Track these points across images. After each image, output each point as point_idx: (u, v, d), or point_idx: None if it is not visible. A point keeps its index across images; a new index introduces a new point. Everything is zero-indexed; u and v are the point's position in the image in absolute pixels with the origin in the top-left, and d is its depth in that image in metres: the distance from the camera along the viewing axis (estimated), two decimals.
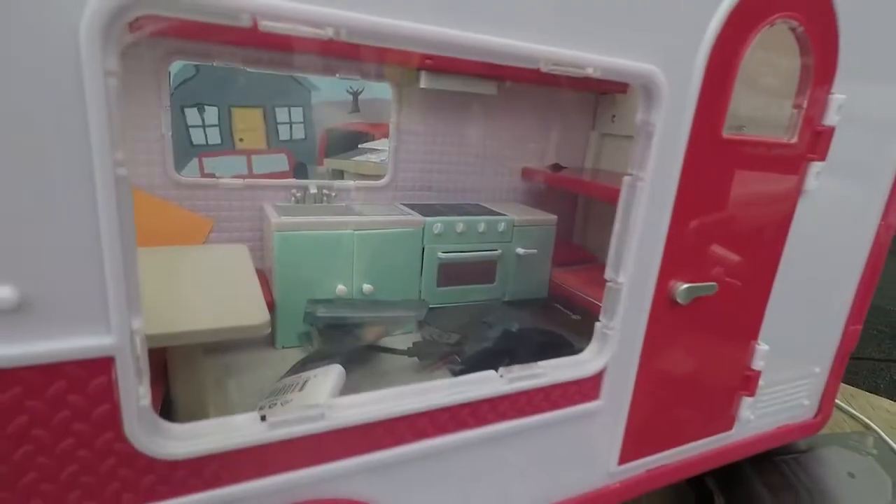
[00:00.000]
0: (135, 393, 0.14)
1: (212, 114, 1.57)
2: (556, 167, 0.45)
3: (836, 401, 0.44)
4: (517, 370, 0.20)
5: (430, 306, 0.38)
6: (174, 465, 0.15)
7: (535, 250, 0.41)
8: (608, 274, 0.21)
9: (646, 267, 0.21)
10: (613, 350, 0.22)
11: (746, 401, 0.28)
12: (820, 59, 0.22)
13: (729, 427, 0.28)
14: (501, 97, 0.41)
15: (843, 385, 0.47)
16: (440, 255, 0.38)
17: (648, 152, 0.19)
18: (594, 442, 0.23)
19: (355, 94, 1.65)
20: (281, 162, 1.60)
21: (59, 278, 0.12)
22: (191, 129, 1.41)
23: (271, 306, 0.34)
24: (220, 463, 0.15)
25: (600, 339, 0.22)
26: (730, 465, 0.33)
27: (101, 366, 0.13)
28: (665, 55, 0.18)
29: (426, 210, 0.39)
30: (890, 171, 0.28)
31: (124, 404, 0.14)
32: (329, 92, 1.93)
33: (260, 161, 1.56)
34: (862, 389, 0.46)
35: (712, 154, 0.21)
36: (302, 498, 0.17)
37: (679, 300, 0.22)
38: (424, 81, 0.38)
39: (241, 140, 1.85)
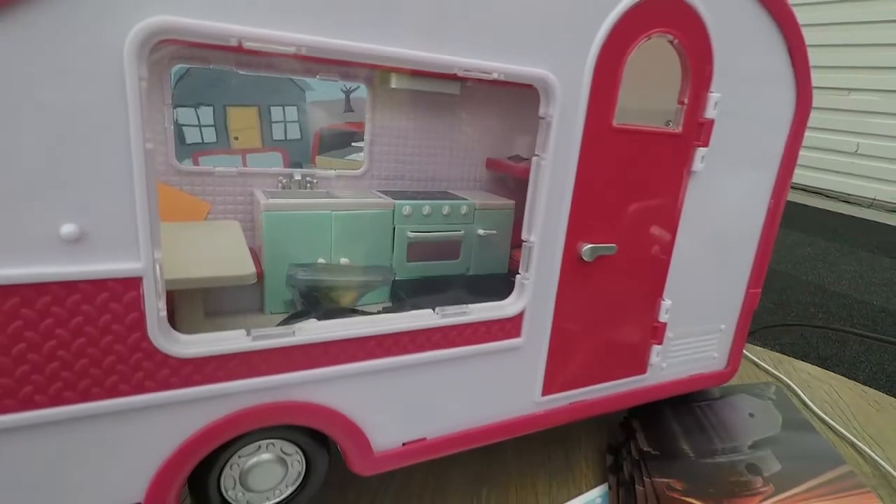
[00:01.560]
0: (155, 305, 0.19)
1: (206, 113, 1.62)
2: (517, 158, 0.51)
3: (762, 363, 0.50)
4: (449, 309, 0.26)
5: (401, 278, 0.44)
6: (183, 362, 0.21)
7: (495, 231, 0.46)
8: (524, 234, 0.27)
9: (554, 229, 0.27)
10: (529, 297, 0.27)
11: (656, 348, 0.34)
12: (696, 65, 0.28)
13: (643, 371, 0.34)
14: (465, 95, 0.47)
15: (770, 352, 0.53)
16: (409, 234, 0.44)
17: (548, 138, 0.25)
18: (519, 373, 0.29)
19: (348, 94, 1.71)
20: (276, 160, 1.65)
21: (105, 220, 0.18)
22: (184, 128, 1.46)
23: (260, 277, 0.39)
24: (217, 363, 0.21)
25: (519, 288, 0.28)
26: (652, 409, 0.38)
27: (133, 283, 0.19)
28: (557, 62, 0.24)
29: (397, 195, 0.45)
30: (776, 153, 0.34)
31: (148, 313, 0.19)
32: (323, 92, 1.99)
33: (255, 160, 1.62)
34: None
35: (605, 140, 0.27)
36: (278, 399, 0.23)
37: (585, 258, 0.28)
38: (395, 82, 0.43)
39: (236, 139, 1.91)
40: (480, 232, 0.46)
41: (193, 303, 0.28)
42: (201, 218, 0.40)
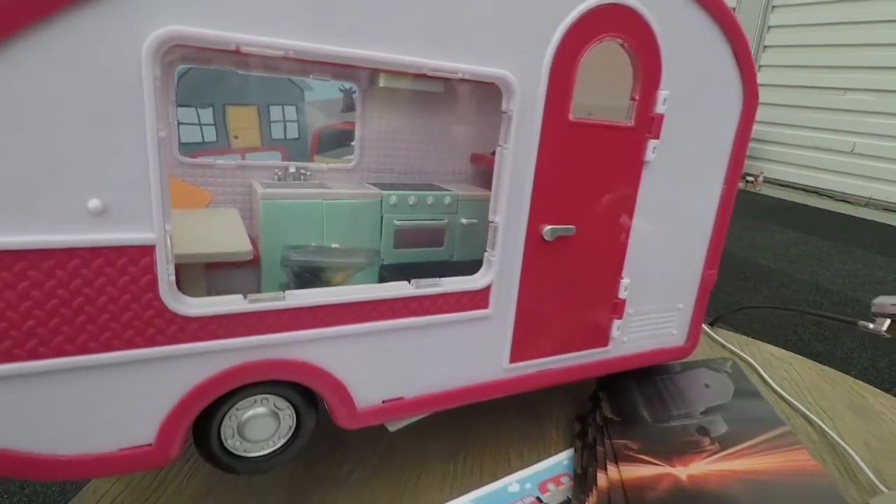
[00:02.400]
0: (166, 270, 0.23)
1: (206, 112, 1.66)
2: None
3: (729, 345, 0.53)
4: (423, 281, 0.29)
5: (388, 263, 0.47)
6: (188, 320, 0.24)
7: (476, 220, 0.50)
8: (490, 216, 0.31)
9: (517, 212, 0.31)
10: (496, 272, 0.31)
11: (616, 323, 0.37)
12: (645, 66, 0.32)
13: (605, 344, 0.37)
14: (448, 93, 0.51)
15: (738, 335, 0.56)
16: (395, 222, 0.47)
17: (510, 131, 0.29)
18: (488, 341, 0.33)
19: (347, 92, 1.75)
20: (274, 159, 1.69)
21: (124, 196, 0.22)
22: (183, 127, 1.49)
23: (257, 261, 0.43)
24: (218, 322, 0.25)
25: (486, 264, 0.31)
26: (617, 381, 0.42)
27: (147, 251, 0.22)
28: (516, 64, 0.28)
29: (386, 187, 0.49)
30: (726, 145, 0.37)
31: (160, 276, 0.23)
32: (322, 91, 2.03)
33: (254, 158, 1.66)
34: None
35: (563, 132, 0.30)
36: (271, 356, 0.27)
37: (546, 238, 0.32)
38: (383, 81, 0.47)
39: (235, 137, 1.95)
40: (463, 221, 0.50)
41: (196, 279, 0.31)
42: (203, 206, 0.44)
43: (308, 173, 0.48)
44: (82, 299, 0.22)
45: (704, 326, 0.56)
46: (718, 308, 0.64)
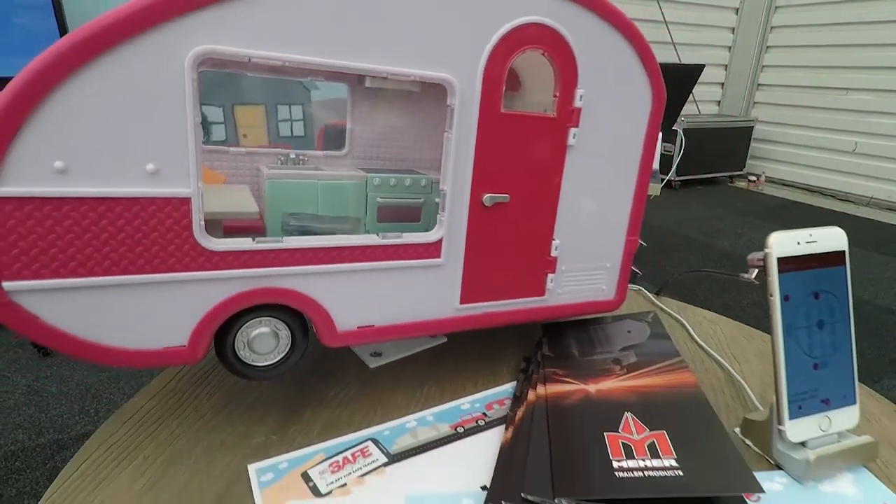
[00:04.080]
0: (198, 216, 0.33)
1: (216, 112, 1.78)
2: None
3: (666, 308, 0.63)
4: (389, 235, 0.39)
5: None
6: (213, 254, 0.34)
7: None
8: (440, 185, 0.40)
9: (462, 182, 0.40)
10: (445, 229, 0.41)
11: (550, 276, 0.47)
12: (563, 70, 0.41)
13: (541, 293, 0.47)
14: (424, 93, 0.60)
15: (678, 301, 0.66)
16: (378, 199, 0.57)
17: (452, 120, 0.38)
18: (441, 285, 0.42)
19: None
20: None
21: (171, 162, 0.32)
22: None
23: (263, 230, 0.53)
24: (234, 256, 0.35)
25: (438, 223, 0.41)
26: (558, 328, 0.51)
27: (186, 201, 0.32)
28: (456, 69, 0.37)
29: (371, 171, 0.58)
30: (640, 132, 0.46)
31: (194, 220, 0.33)
32: (327, 91, 2.13)
33: None
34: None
35: (496, 121, 0.40)
36: (272, 285, 0.36)
37: (486, 203, 0.41)
38: (368, 82, 0.56)
39: (244, 136, 2.07)
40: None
41: (217, 237, 0.41)
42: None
43: (306, 159, 0.58)
44: (141, 234, 0.32)
45: (650, 294, 0.66)
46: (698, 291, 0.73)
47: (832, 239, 0.40)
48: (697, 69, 1.38)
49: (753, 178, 3.69)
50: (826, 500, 0.37)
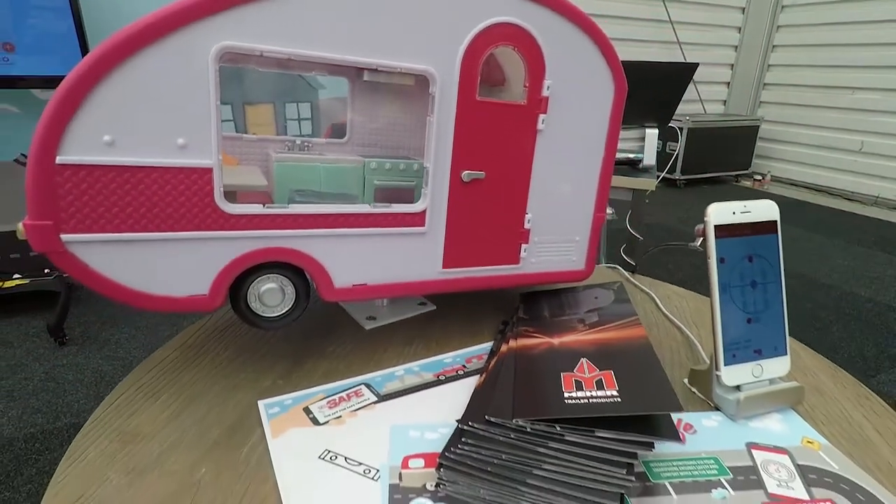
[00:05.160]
0: (219, 184, 0.40)
1: (225, 109, 1.87)
2: None
3: (637, 283, 0.69)
4: (379, 205, 0.46)
5: None
6: (230, 216, 0.41)
7: None
8: (424, 162, 0.47)
9: (443, 160, 0.47)
10: (429, 201, 0.48)
11: (524, 246, 0.53)
12: (531, 64, 0.48)
13: (516, 261, 0.54)
14: (417, 87, 0.67)
15: (650, 278, 0.72)
16: (375, 182, 0.64)
17: (434, 106, 0.45)
18: (426, 251, 0.49)
19: None
20: None
21: (197, 138, 0.39)
22: None
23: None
24: (248, 219, 0.42)
25: (422, 196, 0.48)
26: (534, 296, 0.58)
27: (208, 171, 0.40)
28: (436, 62, 0.44)
29: (368, 156, 0.65)
30: (604, 118, 0.53)
31: (215, 187, 0.40)
32: (334, 89, 2.22)
33: None
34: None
35: (472, 108, 0.47)
36: (279, 245, 0.43)
37: (464, 179, 0.48)
38: (366, 76, 0.64)
39: (254, 134, 2.15)
40: None
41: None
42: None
43: (311, 145, 0.66)
44: (171, 198, 0.39)
45: (626, 273, 0.72)
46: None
47: (765, 210, 0.46)
48: (691, 68, 1.44)
49: (759, 177, 3.72)
50: (753, 433, 0.43)
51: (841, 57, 3.42)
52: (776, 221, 0.47)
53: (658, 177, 1.62)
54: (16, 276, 1.93)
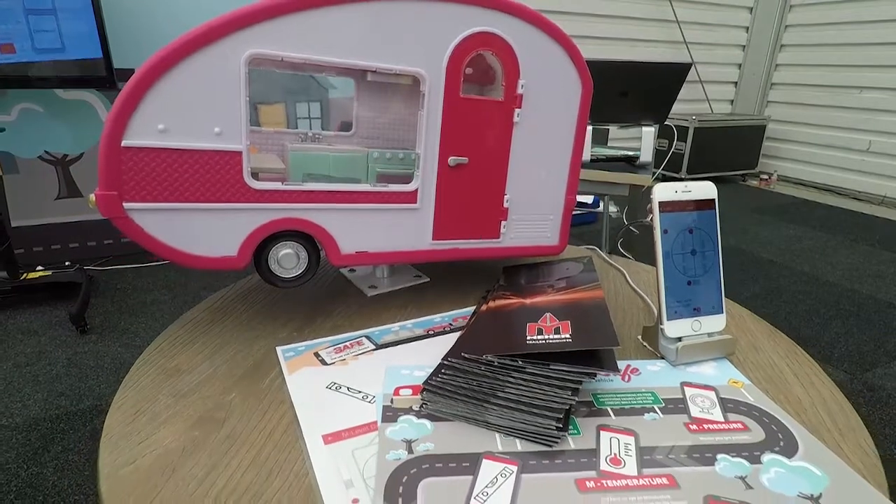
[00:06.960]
0: (247, 165, 0.50)
1: None
2: None
3: (611, 261, 0.78)
4: (378, 184, 0.56)
5: None
6: (255, 191, 0.51)
7: None
8: (416, 150, 0.57)
9: (432, 148, 0.57)
10: (420, 182, 0.57)
11: (503, 223, 0.63)
12: (507, 65, 0.58)
13: (497, 236, 0.63)
14: (415, 86, 0.77)
15: (626, 259, 0.81)
16: (377, 169, 0.74)
17: (423, 102, 0.55)
18: (418, 224, 0.59)
19: None
20: None
21: (230, 127, 0.49)
22: None
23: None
24: (270, 194, 0.52)
25: (414, 177, 0.58)
26: (515, 268, 0.68)
27: (238, 154, 0.50)
28: (426, 65, 0.54)
29: (372, 147, 0.75)
30: (574, 112, 0.63)
31: (244, 168, 0.50)
32: (344, 89, 2.34)
33: None
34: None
35: (456, 104, 0.57)
36: (295, 216, 0.53)
37: (451, 164, 0.58)
38: (370, 76, 0.74)
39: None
40: None
41: None
42: None
43: (321, 137, 0.76)
44: (209, 175, 0.49)
45: (602, 254, 0.82)
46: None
47: (704, 190, 0.56)
48: (685, 67, 1.52)
49: (765, 176, 3.78)
50: (689, 376, 0.53)
51: (849, 56, 3.48)
52: (714, 199, 0.56)
53: (654, 173, 1.71)
54: (39, 267, 2.06)
